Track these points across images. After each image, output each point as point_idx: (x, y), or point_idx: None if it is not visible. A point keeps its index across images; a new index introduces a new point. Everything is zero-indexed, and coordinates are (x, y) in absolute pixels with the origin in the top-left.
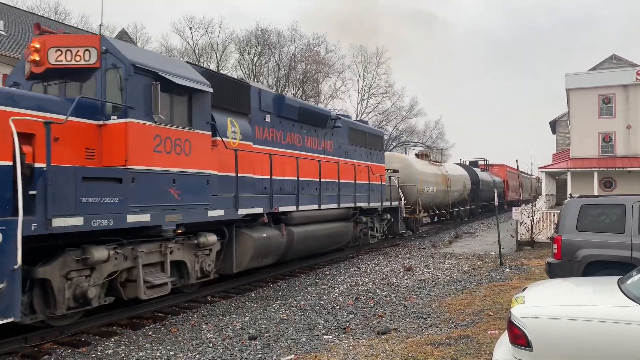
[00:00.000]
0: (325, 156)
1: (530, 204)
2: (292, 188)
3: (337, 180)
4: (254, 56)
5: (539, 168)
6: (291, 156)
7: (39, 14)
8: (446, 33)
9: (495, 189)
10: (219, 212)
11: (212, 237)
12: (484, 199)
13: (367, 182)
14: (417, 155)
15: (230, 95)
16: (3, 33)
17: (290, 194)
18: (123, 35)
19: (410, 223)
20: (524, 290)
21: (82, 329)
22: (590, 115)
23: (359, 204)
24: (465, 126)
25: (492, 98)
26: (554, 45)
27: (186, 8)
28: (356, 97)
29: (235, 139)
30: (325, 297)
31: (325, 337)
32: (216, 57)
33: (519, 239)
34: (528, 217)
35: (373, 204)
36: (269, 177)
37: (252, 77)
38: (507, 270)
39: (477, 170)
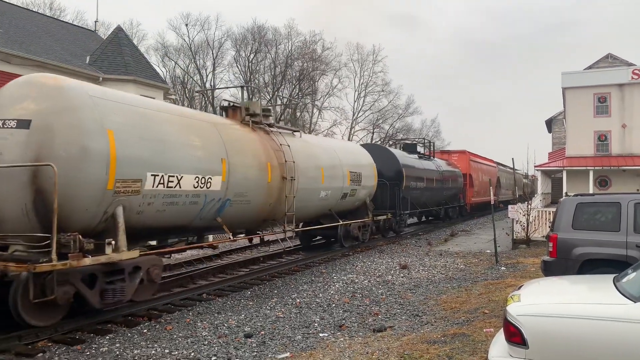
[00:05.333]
0: None
1: (526, 203)
2: None
3: None
4: (250, 53)
5: (535, 167)
6: None
7: (34, 10)
8: (428, 35)
9: (448, 187)
10: None
11: None
12: (420, 202)
13: None
14: (224, 107)
15: None
16: None
17: None
18: (119, 32)
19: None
20: (519, 288)
21: (76, 326)
22: (585, 114)
23: None
24: (458, 126)
25: (482, 98)
26: (534, 47)
27: (183, 4)
28: (353, 95)
29: None
30: (321, 294)
31: (320, 335)
32: (212, 54)
33: (514, 237)
34: (524, 215)
35: None
36: None
37: (249, 74)
38: (502, 268)
39: (407, 156)
